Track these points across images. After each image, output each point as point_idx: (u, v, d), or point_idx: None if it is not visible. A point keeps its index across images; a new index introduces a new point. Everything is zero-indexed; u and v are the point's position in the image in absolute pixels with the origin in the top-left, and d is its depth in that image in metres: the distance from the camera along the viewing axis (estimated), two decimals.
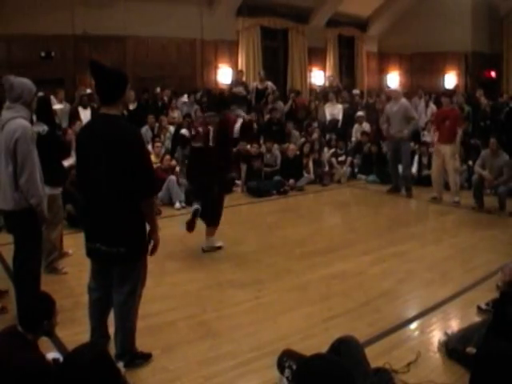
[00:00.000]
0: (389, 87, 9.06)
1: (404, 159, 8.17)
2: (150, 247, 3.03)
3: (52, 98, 4.22)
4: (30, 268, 3.51)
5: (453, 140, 7.56)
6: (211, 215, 5.23)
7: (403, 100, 8.22)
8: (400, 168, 8.39)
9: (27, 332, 2.56)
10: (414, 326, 3.78)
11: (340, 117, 10.96)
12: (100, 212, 2.89)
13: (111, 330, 3.18)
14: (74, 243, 5.02)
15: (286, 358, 2.68)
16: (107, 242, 2.88)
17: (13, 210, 3.39)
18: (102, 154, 2.79)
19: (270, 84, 11.36)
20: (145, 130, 8.84)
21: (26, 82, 3.43)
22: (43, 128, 4.33)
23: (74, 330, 3.46)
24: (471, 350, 3.02)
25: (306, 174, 9.08)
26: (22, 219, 3.40)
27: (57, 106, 5.38)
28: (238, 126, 5.12)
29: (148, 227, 3.00)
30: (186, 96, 10.18)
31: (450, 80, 13.68)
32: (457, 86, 12.18)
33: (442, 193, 7.75)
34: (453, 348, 3.21)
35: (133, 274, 2.99)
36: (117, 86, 2.89)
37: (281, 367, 2.68)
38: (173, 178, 7.54)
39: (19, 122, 3.31)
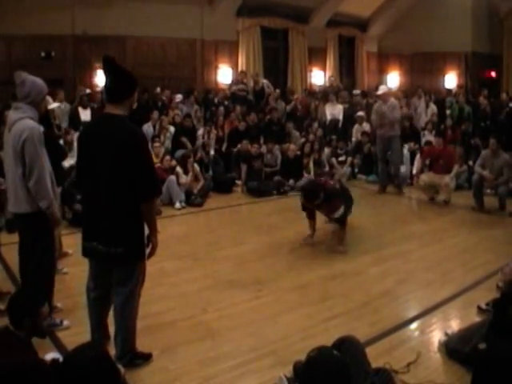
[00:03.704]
0: (377, 89, 9.04)
1: (395, 156, 8.19)
2: (148, 250, 2.99)
3: (48, 97, 4.19)
4: (45, 269, 3.46)
5: (449, 172, 7.53)
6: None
7: (392, 99, 8.28)
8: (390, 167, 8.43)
9: (17, 329, 2.53)
10: (414, 326, 3.78)
11: (340, 117, 10.98)
12: (99, 212, 2.87)
13: (111, 329, 3.18)
14: (74, 243, 4.98)
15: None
16: (105, 242, 2.86)
17: (26, 212, 3.32)
18: (105, 154, 2.76)
19: (265, 82, 11.32)
20: (146, 127, 8.80)
21: (37, 81, 3.37)
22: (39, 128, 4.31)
23: (74, 330, 3.47)
24: (482, 345, 2.95)
25: (306, 174, 9.07)
26: (35, 221, 3.34)
27: (52, 106, 5.34)
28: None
29: (147, 230, 2.96)
30: (180, 96, 10.13)
31: (450, 80, 13.69)
32: (459, 86, 12.15)
33: (433, 193, 7.73)
34: (453, 348, 3.21)
35: (132, 276, 2.96)
36: (127, 87, 2.87)
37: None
38: (173, 178, 7.53)
39: (26, 123, 3.24)
